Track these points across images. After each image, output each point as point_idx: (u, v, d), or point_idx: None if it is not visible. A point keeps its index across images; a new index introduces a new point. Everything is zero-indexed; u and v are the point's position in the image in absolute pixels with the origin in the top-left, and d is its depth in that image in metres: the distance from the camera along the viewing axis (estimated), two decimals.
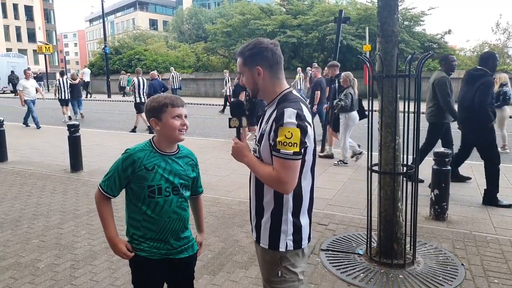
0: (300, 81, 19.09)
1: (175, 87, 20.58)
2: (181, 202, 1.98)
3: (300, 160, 1.73)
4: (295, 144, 1.68)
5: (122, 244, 1.94)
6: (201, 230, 2.26)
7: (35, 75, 25.69)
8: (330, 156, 7.52)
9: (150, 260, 1.95)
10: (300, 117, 1.70)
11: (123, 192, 2.00)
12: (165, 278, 2.06)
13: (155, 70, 14.20)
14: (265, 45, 1.82)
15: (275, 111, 1.76)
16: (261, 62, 1.81)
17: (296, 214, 1.84)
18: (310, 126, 1.76)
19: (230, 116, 1.90)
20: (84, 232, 4.13)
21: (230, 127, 1.90)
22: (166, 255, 1.98)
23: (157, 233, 1.94)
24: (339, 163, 7.01)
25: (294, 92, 1.88)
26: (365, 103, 6.21)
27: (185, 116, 1.96)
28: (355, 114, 6.92)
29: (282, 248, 1.83)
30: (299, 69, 19.20)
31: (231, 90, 16.56)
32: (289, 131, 1.67)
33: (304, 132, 1.70)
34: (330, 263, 3.45)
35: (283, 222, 1.82)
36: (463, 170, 6.48)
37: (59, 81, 13.80)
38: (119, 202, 2.02)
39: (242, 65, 1.87)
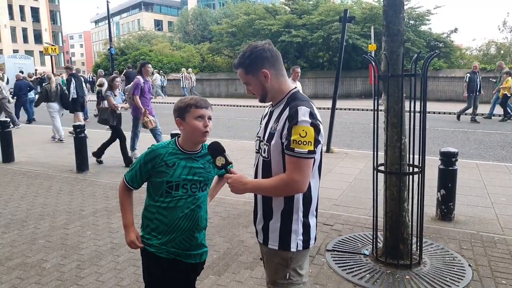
0: (183, 79, 21.91)
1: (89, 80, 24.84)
2: (197, 200, 2.00)
3: (313, 159, 1.73)
4: (310, 143, 1.67)
5: (134, 233, 2.02)
6: (211, 196, 2.24)
7: (40, 76, 25.92)
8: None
9: (157, 257, 1.98)
10: (313, 115, 1.70)
11: (143, 192, 2.04)
12: (172, 278, 2.06)
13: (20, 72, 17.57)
14: (261, 47, 1.81)
15: (287, 110, 1.75)
16: (264, 65, 1.80)
17: (305, 213, 1.84)
18: (321, 124, 1.75)
19: (213, 159, 1.89)
20: (90, 232, 4.15)
21: (218, 168, 1.90)
22: (174, 255, 1.99)
23: (169, 226, 1.97)
24: (56, 139, 9.67)
25: (301, 91, 1.88)
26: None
27: (209, 118, 1.96)
28: (53, 104, 9.54)
29: (293, 248, 1.82)
30: (183, 69, 22.94)
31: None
32: (303, 130, 1.67)
33: (317, 130, 1.70)
34: (336, 263, 3.43)
35: (293, 222, 1.82)
36: (469, 169, 6.45)
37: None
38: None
39: (245, 75, 1.84)
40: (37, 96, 12.12)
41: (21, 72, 17.29)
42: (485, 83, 14.73)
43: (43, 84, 10.08)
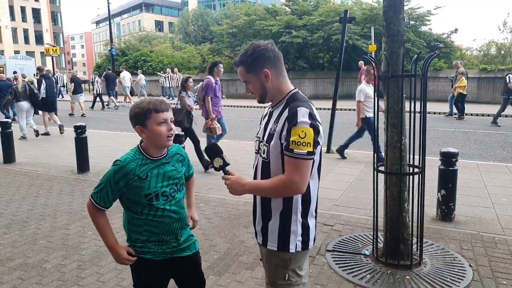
0: (169, 79, 22.24)
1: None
2: (179, 201, 2.00)
3: (312, 160, 1.73)
4: (309, 144, 1.67)
5: (124, 250, 1.94)
6: (190, 205, 2.21)
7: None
8: (47, 133, 10.68)
9: (155, 261, 1.96)
10: (312, 116, 1.70)
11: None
12: (170, 278, 2.08)
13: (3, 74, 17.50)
14: (264, 46, 1.80)
15: (286, 111, 1.75)
16: (266, 65, 1.80)
17: (304, 215, 1.84)
18: (321, 125, 1.75)
19: (210, 160, 1.89)
20: (90, 233, 4.16)
21: (216, 169, 1.89)
22: (170, 254, 1.99)
23: (161, 234, 1.94)
24: (21, 138, 10.08)
25: (300, 92, 1.88)
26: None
27: (171, 121, 1.90)
28: (22, 103, 10.09)
29: (292, 249, 1.82)
30: (168, 69, 23.20)
31: (100, 89, 18.70)
32: (302, 131, 1.67)
33: (317, 131, 1.70)
34: (336, 264, 3.43)
35: (292, 223, 1.82)
36: (470, 169, 6.44)
37: None
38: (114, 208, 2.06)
39: (246, 73, 1.83)
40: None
41: (15, 72, 17.42)
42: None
43: (12, 85, 10.72)
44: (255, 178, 1.93)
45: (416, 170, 3.36)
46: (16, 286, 3.12)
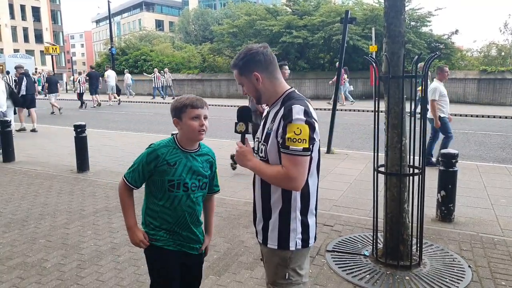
0: (155, 80, 22.59)
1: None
2: (197, 198, 2.07)
3: (309, 156, 1.74)
4: (304, 141, 1.69)
5: (140, 232, 2.05)
6: (209, 232, 2.28)
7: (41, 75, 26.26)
8: (23, 129, 11.21)
9: (165, 250, 2.04)
10: (307, 113, 1.72)
11: (142, 192, 2.08)
12: (179, 269, 2.13)
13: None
14: (255, 50, 1.84)
15: (282, 109, 1.77)
16: (256, 68, 1.83)
17: (304, 212, 1.85)
18: (317, 122, 1.77)
19: (236, 121, 1.92)
20: (90, 232, 4.16)
21: (236, 131, 1.93)
22: (180, 247, 2.06)
23: (173, 224, 2.03)
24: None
25: (297, 91, 1.90)
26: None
27: (205, 117, 2.02)
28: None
29: (292, 247, 1.83)
30: (155, 69, 23.43)
31: (82, 88, 19.15)
32: (298, 128, 1.69)
33: (312, 128, 1.72)
34: (336, 264, 3.44)
35: (292, 221, 1.83)
36: (470, 170, 6.45)
37: None
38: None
39: (239, 76, 1.89)
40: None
41: (8, 72, 17.64)
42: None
43: None
44: (254, 178, 1.96)
45: (416, 171, 3.36)
46: (15, 285, 3.12)
